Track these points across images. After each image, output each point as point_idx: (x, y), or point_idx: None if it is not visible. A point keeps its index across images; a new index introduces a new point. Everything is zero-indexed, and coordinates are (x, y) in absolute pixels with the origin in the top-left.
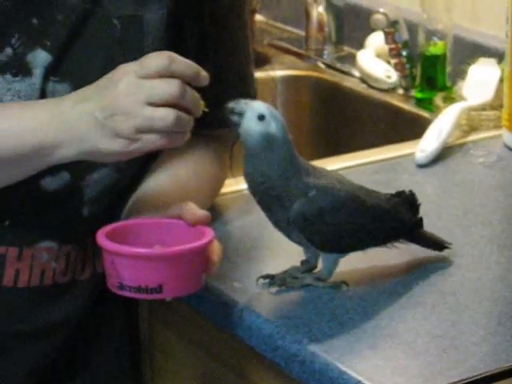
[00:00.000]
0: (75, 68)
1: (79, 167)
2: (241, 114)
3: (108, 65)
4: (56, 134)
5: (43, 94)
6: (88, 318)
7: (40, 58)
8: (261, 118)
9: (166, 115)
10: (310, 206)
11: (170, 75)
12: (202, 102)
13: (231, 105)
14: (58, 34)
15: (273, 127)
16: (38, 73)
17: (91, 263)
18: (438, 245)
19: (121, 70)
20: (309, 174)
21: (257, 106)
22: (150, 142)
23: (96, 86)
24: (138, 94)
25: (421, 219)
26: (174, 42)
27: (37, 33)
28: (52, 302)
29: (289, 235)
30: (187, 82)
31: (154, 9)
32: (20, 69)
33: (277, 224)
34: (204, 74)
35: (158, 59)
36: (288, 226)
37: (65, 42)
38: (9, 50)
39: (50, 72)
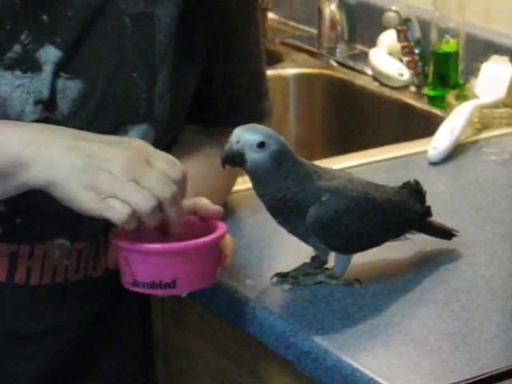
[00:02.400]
0: (86, 65)
1: None
2: (240, 153)
3: (120, 62)
4: (33, 155)
5: (53, 91)
6: (101, 316)
7: (50, 54)
8: (260, 145)
9: (148, 200)
10: (325, 211)
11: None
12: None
13: (227, 152)
14: (68, 30)
15: (274, 145)
16: (47, 69)
17: (103, 261)
18: (447, 233)
19: (139, 142)
20: (320, 177)
21: (249, 139)
22: (114, 209)
23: (107, 137)
24: (138, 169)
25: (429, 208)
26: (185, 39)
27: (47, 29)
28: (64, 299)
29: (305, 240)
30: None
31: (166, 5)
32: (29, 65)
33: (293, 231)
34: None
35: (176, 171)
36: (305, 232)
37: (75, 39)
38: (18, 47)
39: (61, 69)
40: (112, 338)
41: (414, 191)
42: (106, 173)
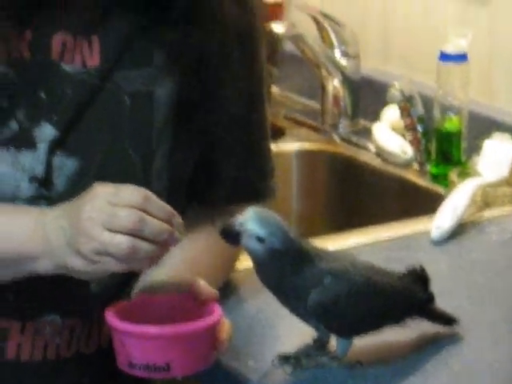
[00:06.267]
0: (83, 143)
1: None
2: (237, 234)
3: (116, 139)
4: (35, 246)
5: (49, 168)
6: None
7: (45, 132)
8: (260, 239)
9: (120, 243)
10: (326, 294)
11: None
12: (171, 231)
13: (226, 227)
14: (66, 108)
15: (275, 243)
16: (42, 147)
17: (96, 337)
18: (447, 320)
19: (94, 191)
20: (321, 259)
21: (252, 229)
22: (107, 265)
23: (72, 203)
24: (98, 218)
25: (432, 295)
26: (183, 118)
27: (44, 107)
28: (55, 375)
29: (307, 321)
30: None
31: (165, 85)
32: (25, 142)
33: (294, 311)
34: (178, 220)
35: (133, 194)
36: (306, 314)
37: (72, 117)
38: (14, 124)
39: (56, 146)
40: None
41: (419, 278)
42: (81, 236)
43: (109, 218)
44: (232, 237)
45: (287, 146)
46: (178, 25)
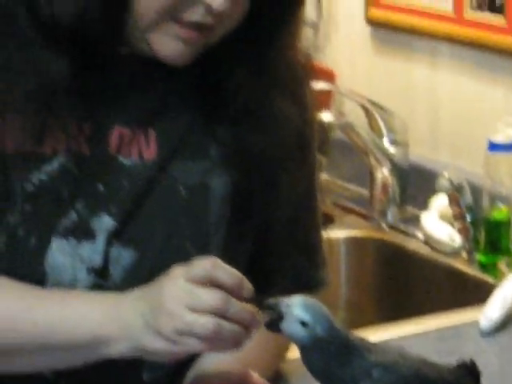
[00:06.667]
0: (140, 234)
1: None
2: (280, 316)
3: (172, 231)
4: (109, 331)
5: (106, 259)
6: None
7: (104, 223)
8: (304, 324)
9: (206, 323)
10: None
11: (213, 282)
12: (254, 313)
13: (270, 303)
14: (123, 200)
15: (318, 331)
16: (101, 238)
17: None
18: None
19: (171, 272)
20: (370, 351)
21: (297, 313)
22: (190, 345)
23: (150, 286)
24: (182, 298)
25: None
26: (238, 211)
27: (102, 199)
28: None
29: None
30: (229, 291)
31: (220, 178)
32: (83, 234)
33: None
34: (248, 286)
35: (203, 264)
36: None
37: (129, 208)
38: (73, 215)
39: (114, 237)
40: None
41: (469, 370)
42: (163, 316)
43: (193, 298)
44: (275, 317)
45: (336, 233)
46: (235, 122)
